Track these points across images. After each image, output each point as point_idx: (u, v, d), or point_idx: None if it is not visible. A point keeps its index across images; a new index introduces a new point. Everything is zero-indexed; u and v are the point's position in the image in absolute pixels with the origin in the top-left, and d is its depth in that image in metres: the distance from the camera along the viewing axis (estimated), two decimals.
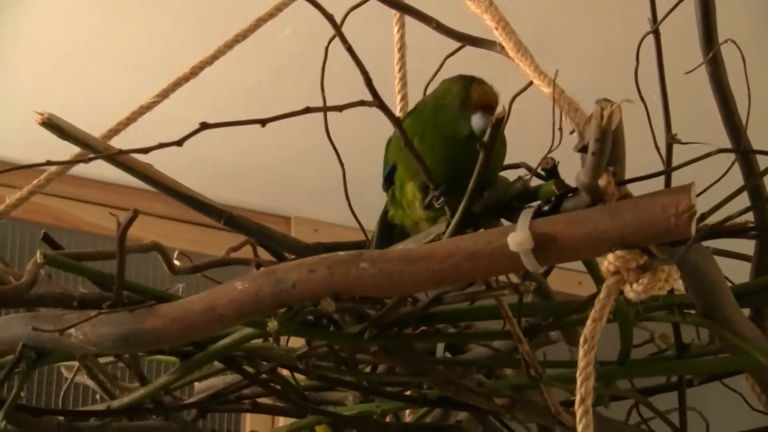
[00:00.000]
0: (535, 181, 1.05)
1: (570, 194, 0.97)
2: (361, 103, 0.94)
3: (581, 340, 0.93)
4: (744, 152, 1.03)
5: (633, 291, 0.93)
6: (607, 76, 1.98)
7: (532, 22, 2.54)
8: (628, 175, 1.13)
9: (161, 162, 1.10)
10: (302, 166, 1.23)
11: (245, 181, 3.15)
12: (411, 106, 1.49)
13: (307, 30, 1.01)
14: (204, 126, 0.89)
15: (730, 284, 1.12)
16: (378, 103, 0.96)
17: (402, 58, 1.55)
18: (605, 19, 2.61)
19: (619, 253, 0.91)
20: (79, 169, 2.44)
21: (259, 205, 3.21)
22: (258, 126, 1.02)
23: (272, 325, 1.01)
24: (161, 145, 0.89)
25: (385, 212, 1.25)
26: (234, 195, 3.17)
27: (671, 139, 1.09)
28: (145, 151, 0.92)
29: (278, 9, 1.56)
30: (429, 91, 1.26)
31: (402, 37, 1.55)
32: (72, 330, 1.06)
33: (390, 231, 1.23)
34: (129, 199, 2.90)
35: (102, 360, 1.28)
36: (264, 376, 1.24)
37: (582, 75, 2.71)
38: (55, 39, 2.67)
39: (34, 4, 2.55)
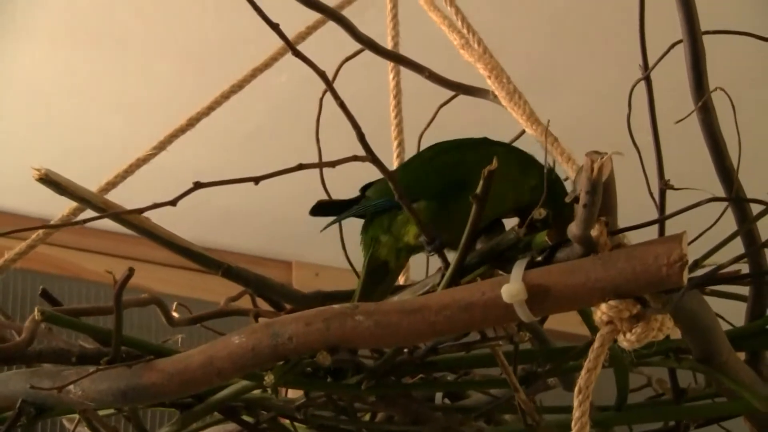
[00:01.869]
0: None
1: (563, 244, 0.97)
2: (354, 158, 0.95)
3: (576, 390, 0.93)
4: (735, 200, 1.04)
5: (626, 340, 0.93)
6: (604, 113, 2.00)
7: (529, 60, 2.56)
8: (622, 220, 1.14)
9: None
10: (303, 210, 1.24)
11: (245, 226, 3.15)
12: (408, 152, 1.50)
13: (304, 74, 1.01)
14: (198, 185, 0.89)
15: (727, 327, 1.13)
16: (371, 158, 0.97)
17: (398, 104, 1.56)
18: (601, 56, 2.63)
19: (612, 302, 0.92)
20: (81, 217, 2.47)
21: (259, 250, 3.21)
22: (259, 169, 1.03)
23: (269, 379, 1.02)
24: (156, 205, 0.90)
25: (374, 248, 1.24)
26: (234, 240, 3.17)
27: (664, 185, 1.09)
28: (140, 211, 0.93)
29: (274, 59, 1.57)
30: (423, 142, 1.28)
31: (398, 84, 1.56)
32: (71, 386, 1.07)
33: (376, 271, 1.24)
34: (130, 247, 2.92)
35: (103, 412, 1.28)
36: (264, 425, 1.25)
37: (578, 112, 2.74)
38: (51, 85, 2.68)
39: (28, 50, 2.56)
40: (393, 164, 1.53)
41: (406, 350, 1.10)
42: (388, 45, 1.58)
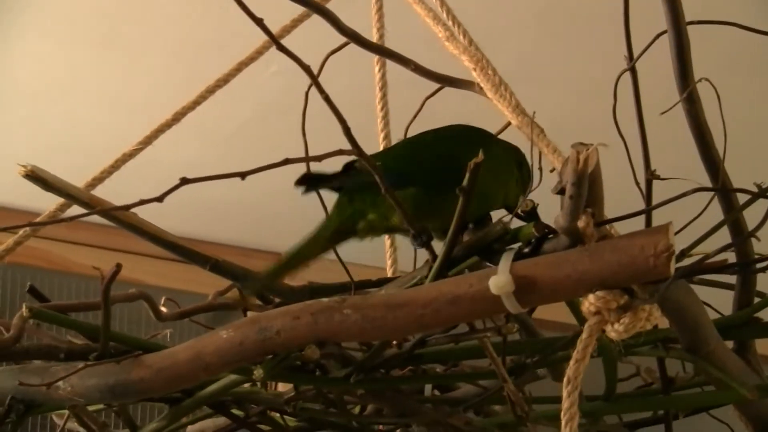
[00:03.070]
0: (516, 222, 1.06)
1: (550, 236, 0.97)
2: (340, 152, 0.95)
3: (564, 380, 0.93)
4: (720, 190, 1.04)
5: (614, 331, 0.93)
6: (590, 106, 1.99)
7: (514, 54, 2.56)
8: (609, 211, 1.13)
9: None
10: (292, 202, 1.23)
11: (236, 218, 3.15)
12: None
13: (293, 66, 1.01)
14: (184, 181, 0.89)
15: (715, 316, 1.14)
16: (357, 152, 0.97)
17: (384, 96, 1.56)
18: (587, 50, 2.63)
19: (599, 293, 0.92)
20: (69, 213, 2.47)
21: (250, 242, 3.21)
22: (246, 163, 1.03)
23: (258, 373, 1.01)
24: (142, 202, 0.90)
25: (353, 217, 1.20)
26: (225, 232, 3.18)
27: (651, 176, 1.09)
28: (126, 208, 0.93)
29: (259, 53, 1.57)
30: (410, 132, 1.27)
31: (383, 77, 1.56)
32: (60, 383, 1.06)
33: (338, 235, 1.22)
34: (120, 240, 2.90)
35: (92, 407, 1.28)
36: (253, 419, 1.25)
37: (565, 105, 2.74)
38: (39, 80, 2.68)
39: (16, 46, 2.56)
40: None
41: (394, 343, 1.10)
42: (374, 37, 1.58)
